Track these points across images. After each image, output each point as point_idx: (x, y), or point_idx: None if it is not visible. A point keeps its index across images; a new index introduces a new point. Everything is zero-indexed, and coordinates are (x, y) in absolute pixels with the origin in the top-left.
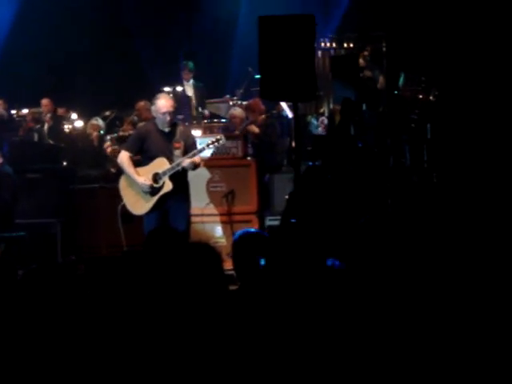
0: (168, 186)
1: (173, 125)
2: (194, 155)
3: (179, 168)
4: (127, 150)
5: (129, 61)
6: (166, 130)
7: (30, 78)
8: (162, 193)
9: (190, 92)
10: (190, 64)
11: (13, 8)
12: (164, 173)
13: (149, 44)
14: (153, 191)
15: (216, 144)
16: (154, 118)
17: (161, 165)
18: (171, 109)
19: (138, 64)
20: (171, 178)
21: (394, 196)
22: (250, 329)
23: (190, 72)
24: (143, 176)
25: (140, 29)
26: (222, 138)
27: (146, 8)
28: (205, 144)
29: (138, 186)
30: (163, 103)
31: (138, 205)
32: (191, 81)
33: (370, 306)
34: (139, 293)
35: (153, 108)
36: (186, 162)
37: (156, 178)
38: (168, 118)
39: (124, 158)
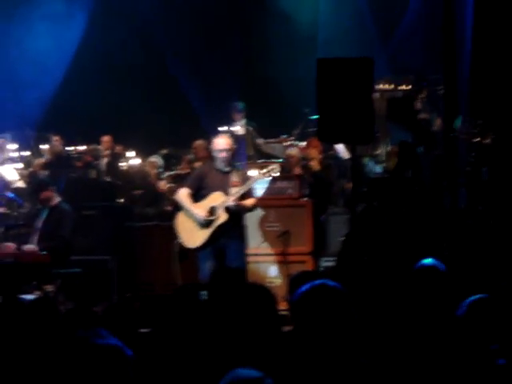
0: (223, 217)
1: (232, 166)
2: (247, 187)
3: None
4: (186, 186)
5: (182, 101)
6: (225, 169)
7: (87, 117)
8: (217, 224)
9: (241, 132)
10: (240, 104)
11: (72, 48)
12: (220, 206)
13: (200, 86)
14: (208, 223)
15: (271, 173)
16: (212, 157)
17: (217, 199)
18: (227, 147)
19: (191, 105)
20: (228, 212)
21: (450, 239)
22: (302, 371)
23: (240, 112)
24: (200, 209)
25: (190, 71)
26: (277, 167)
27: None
28: (257, 174)
29: (194, 219)
30: (220, 141)
31: (193, 238)
32: (243, 120)
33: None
34: (193, 332)
35: (211, 146)
36: (230, 199)
37: (212, 211)
38: (223, 155)
39: (183, 193)
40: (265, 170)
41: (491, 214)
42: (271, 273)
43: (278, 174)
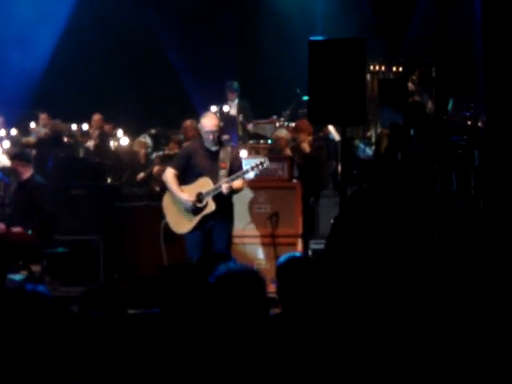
0: (211, 206)
1: (220, 144)
2: (237, 177)
3: (221, 190)
4: (173, 167)
5: (172, 80)
6: (213, 148)
7: (75, 95)
8: (204, 213)
9: (233, 111)
10: (235, 84)
11: (59, 25)
12: (207, 193)
13: (191, 64)
14: (195, 210)
15: (260, 167)
16: (200, 136)
17: (204, 184)
18: (214, 128)
19: (181, 84)
20: (215, 197)
21: (440, 222)
22: (291, 353)
23: (235, 92)
24: (187, 194)
25: (181, 49)
26: (266, 160)
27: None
28: (248, 167)
29: (181, 203)
30: (206, 122)
31: (181, 224)
32: (236, 100)
33: (417, 335)
34: (181, 314)
35: (199, 126)
36: (224, 187)
37: (199, 197)
38: (211, 137)
39: (169, 174)
40: (254, 164)
41: (482, 197)
42: (259, 255)
43: (268, 167)
